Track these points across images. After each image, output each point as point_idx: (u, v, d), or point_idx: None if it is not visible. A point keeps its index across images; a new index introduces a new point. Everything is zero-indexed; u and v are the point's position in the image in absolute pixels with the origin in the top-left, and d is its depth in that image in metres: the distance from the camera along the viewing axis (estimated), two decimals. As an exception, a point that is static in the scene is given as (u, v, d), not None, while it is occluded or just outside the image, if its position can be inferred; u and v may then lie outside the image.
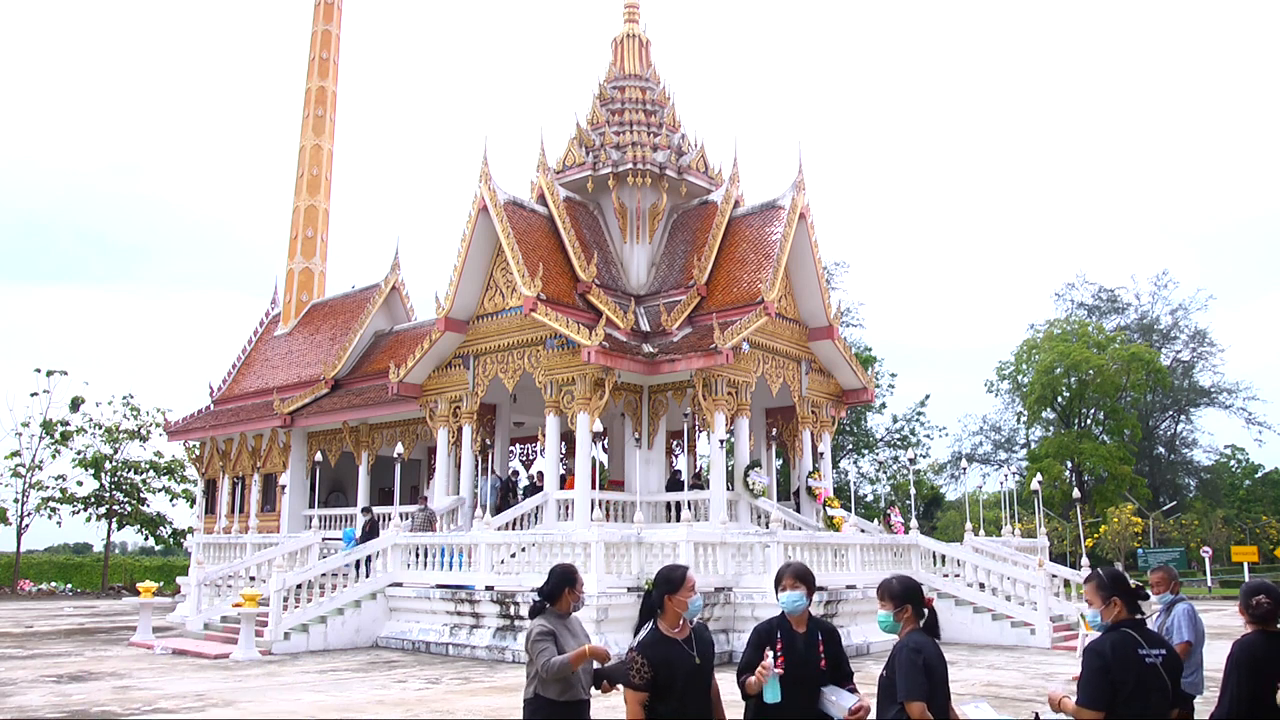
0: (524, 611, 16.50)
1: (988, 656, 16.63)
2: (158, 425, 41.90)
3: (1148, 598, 4.74)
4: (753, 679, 4.46)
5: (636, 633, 4.72)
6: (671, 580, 4.67)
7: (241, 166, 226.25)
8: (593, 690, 5.16)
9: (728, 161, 25.56)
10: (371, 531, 20.91)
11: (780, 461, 29.22)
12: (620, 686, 5.02)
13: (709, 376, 20.80)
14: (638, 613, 4.86)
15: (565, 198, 24.11)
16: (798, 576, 4.77)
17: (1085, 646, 4.47)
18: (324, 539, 22.19)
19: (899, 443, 50.25)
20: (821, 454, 24.41)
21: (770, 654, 4.46)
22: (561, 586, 5.18)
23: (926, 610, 4.53)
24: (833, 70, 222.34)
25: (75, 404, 42.03)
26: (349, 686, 13.33)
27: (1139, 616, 4.48)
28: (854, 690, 4.64)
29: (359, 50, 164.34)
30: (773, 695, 4.43)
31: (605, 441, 23.46)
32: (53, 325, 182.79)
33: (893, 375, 50.03)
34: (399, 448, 22.54)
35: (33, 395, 41.43)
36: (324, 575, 18.98)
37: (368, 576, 19.06)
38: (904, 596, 4.52)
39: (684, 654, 4.58)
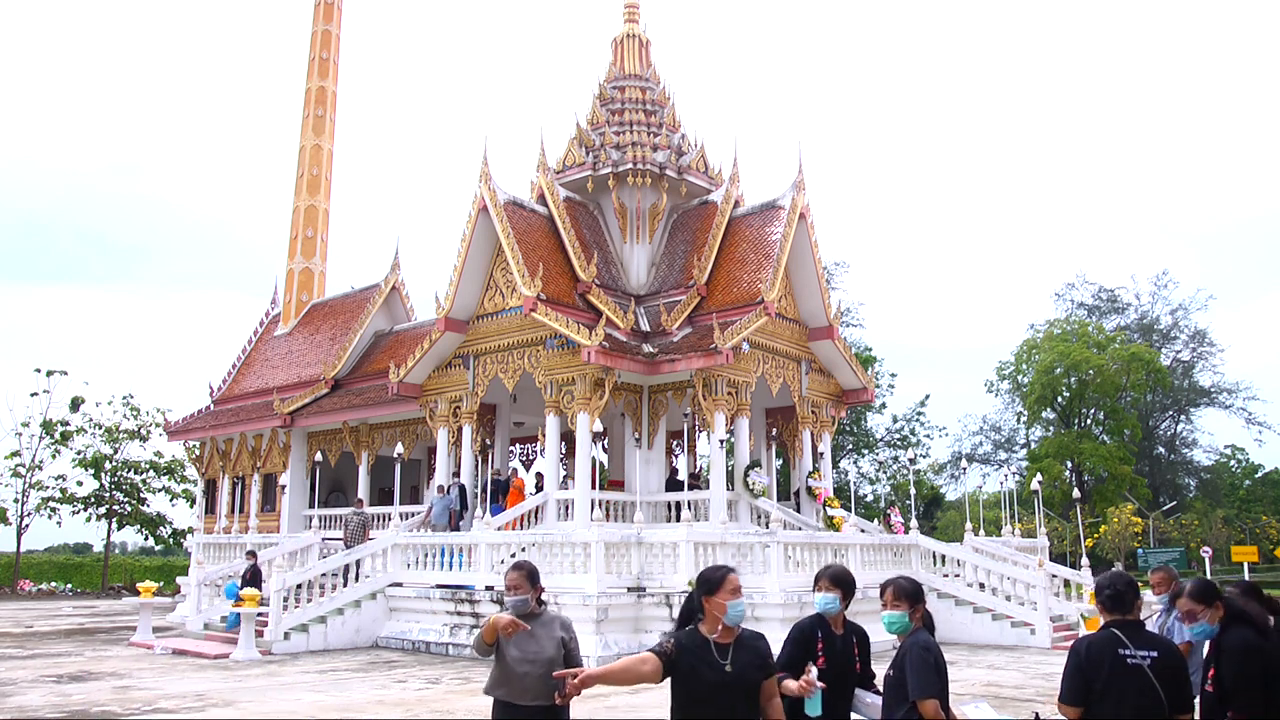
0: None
1: (988, 656, 16.63)
2: (158, 425, 41.87)
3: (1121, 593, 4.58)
4: (793, 686, 4.36)
5: None
6: (710, 581, 4.33)
7: (241, 166, 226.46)
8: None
9: (728, 161, 25.58)
10: (253, 579, 19.29)
11: (780, 461, 29.21)
12: (560, 699, 4.90)
13: (709, 376, 20.79)
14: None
15: (565, 198, 24.11)
16: (834, 580, 4.80)
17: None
18: (324, 539, 22.20)
19: (899, 443, 50.24)
20: (821, 454, 24.41)
21: (814, 669, 4.37)
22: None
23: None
24: (833, 70, 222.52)
25: (75, 404, 42.02)
26: (349, 686, 13.33)
27: (1130, 618, 4.44)
28: (879, 692, 4.66)
29: (359, 50, 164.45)
30: (814, 710, 4.38)
31: (605, 441, 23.47)
32: (53, 325, 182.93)
33: (893, 375, 50.05)
34: (399, 448, 22.55)
35: (33, 395, 41.47)
36: (324, 575, 18.97)
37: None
38: (916, 596, 4.57)
39: (714, 660, 4.18)
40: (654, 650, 4.18)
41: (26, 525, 41.05)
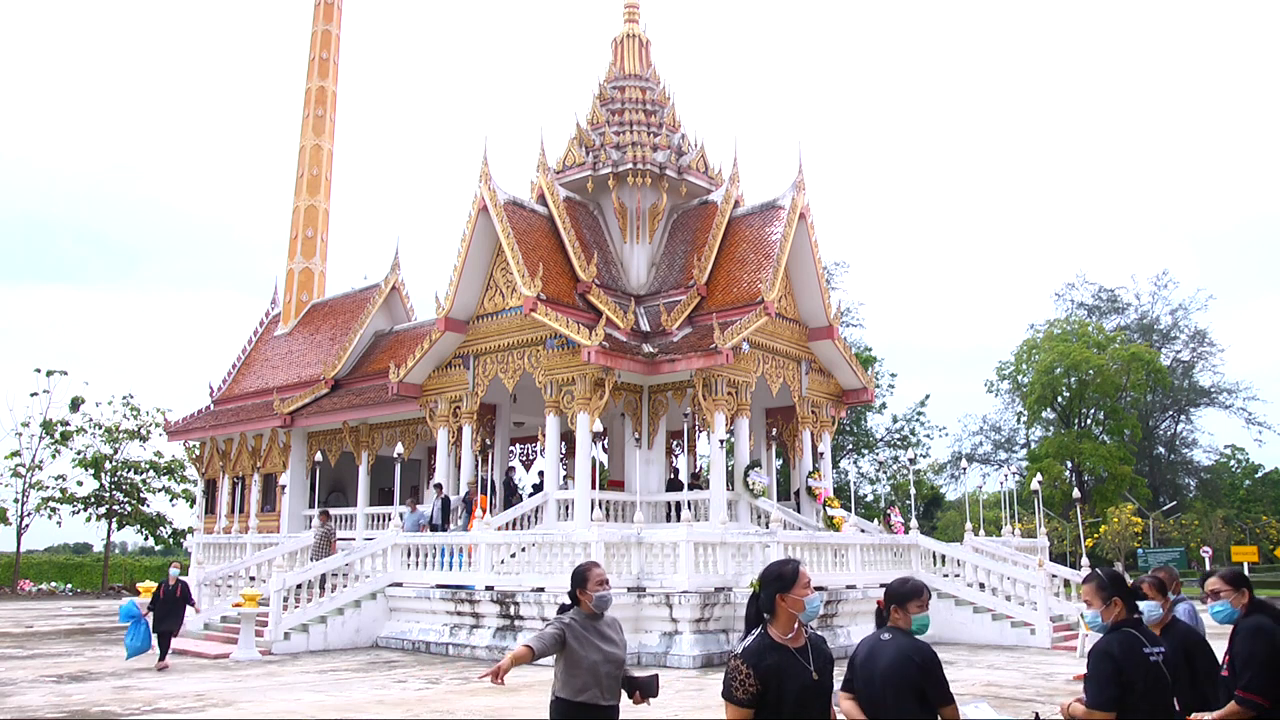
0: (524, 611, 16.53)
1: (988, 656, 16.63)
2: (158, 425, 41.93)
3: (1144, 597, 4.74)
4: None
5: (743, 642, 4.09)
6: (783, 576, 3.98)
7: (241, 166, 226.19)
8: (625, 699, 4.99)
9: (728, 161, 25.60)
10: (182, 597, 16.22)
11: (780, 461, 29.22)
12: (650, 701, 4.86)
13: (709, 376, 20.80)
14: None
15: (565, 198, 24.12)
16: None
17: (1092, 648, 4.48)
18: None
19: (899, 443, 50.24)
20: (821, 454, 24.41)
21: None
22: (573, 589, 5.12)
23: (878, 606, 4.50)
24: (833, 70, 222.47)
25: (75, 404, 42.05)
26: (349, 686, 13.33)
27: (1136, 616, 4.50)
28: None
29: (359, 50, 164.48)
30: None
31: (605, 441, 23.48)
32: (53, 325, 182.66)
33: (893, 375, 50.05)
34: (399, 448, 22.55)
35: (33, 395, 41.54)
36: (323, 575, 18.97)
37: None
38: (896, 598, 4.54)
39: (799, 666, 3.89)
40: (736, 701, 3.83)
41: (26, 525, 41.13)
